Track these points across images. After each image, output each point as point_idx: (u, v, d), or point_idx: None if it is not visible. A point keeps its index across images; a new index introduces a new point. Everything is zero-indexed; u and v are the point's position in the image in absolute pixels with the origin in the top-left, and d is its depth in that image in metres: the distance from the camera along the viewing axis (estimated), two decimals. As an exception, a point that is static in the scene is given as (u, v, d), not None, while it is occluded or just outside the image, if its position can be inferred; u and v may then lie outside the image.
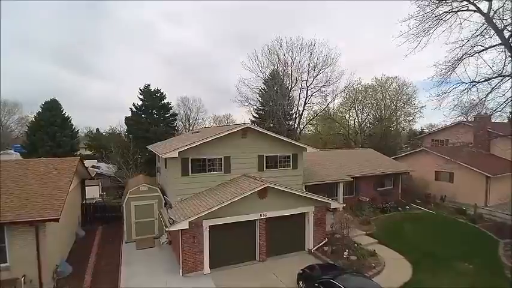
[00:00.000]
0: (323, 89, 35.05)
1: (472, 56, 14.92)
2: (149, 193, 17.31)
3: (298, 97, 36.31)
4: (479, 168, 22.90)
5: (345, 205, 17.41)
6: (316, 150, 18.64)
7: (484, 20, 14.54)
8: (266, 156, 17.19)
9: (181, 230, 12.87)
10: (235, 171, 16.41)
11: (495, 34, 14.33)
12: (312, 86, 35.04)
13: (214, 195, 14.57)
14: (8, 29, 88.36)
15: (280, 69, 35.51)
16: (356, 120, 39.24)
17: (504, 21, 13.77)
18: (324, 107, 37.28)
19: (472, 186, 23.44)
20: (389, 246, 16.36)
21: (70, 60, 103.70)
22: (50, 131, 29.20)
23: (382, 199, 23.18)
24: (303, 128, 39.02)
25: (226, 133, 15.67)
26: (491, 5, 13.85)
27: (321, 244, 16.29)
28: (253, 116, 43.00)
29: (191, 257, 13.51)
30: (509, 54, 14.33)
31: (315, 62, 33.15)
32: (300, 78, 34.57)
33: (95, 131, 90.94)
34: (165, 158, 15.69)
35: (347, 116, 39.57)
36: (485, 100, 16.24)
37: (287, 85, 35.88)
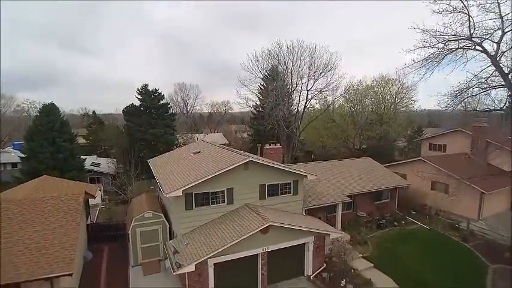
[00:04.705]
0: (323, 92, 34.86)
1: (475, 95, 14.92)
2: (154, 219, 17.73)
3: (298, 99, 36.16)
4: (474, 184, 23.37)
5: (342, 233, 18.04)
6: (316, 177, 18.94)
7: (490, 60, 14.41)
8: (267, 185, 17.50)
9: (188, 271, 13.47)
10: (238, 202, 16.79)
11: (499, 76, 14.27)
12: (312, 89, 34.81)
13: (218, 231, 15.02)
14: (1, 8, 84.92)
15: (280, 69, 35.05)
16: (356, 120, 39.21)
17: (509, 66, 13.68)
18: (324, 108, 37.24)
19: (466, 199, 24.00)
20: (384, 272, 17.15)
21: (66, 39, 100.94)
22: (49, 136, 29.03)
23: (379, 212, 23.89)
24: (303, 130, 39.16)
25: (229, 168, 15.84)
26: (499, 48, 13.68)
27: (319, 270, 17.07)
28: (253, 113, 43.01)
29: (197, 292, 14.24)
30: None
31: (316, 67, 32.73)
32: (300, 81, 34.24)
33: (91, 112, 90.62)
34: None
35: (347, 118, 39.51)
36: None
37: (288, 87, 35.61)
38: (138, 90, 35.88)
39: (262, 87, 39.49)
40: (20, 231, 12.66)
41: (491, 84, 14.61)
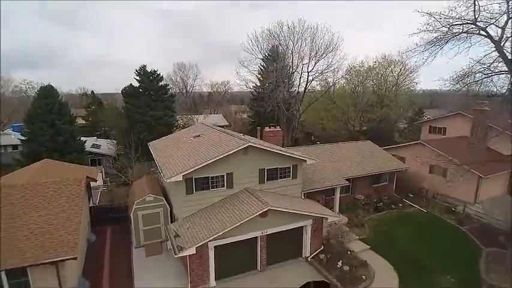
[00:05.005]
0: (324, 73, 34.42)
1: (478, 81, 14.76)
2: (155, 202, 18.03)
3: (298, 81, 35.74)
4: (472, 168, 23.48)
5: (340, 217, 18.37)
6: (316, 161, 19.06)
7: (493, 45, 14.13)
8: (267, 169, 17.61)
9: (189, 253, 13.86)
10: (238, 186, 16.97)
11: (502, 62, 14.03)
12: (313, 71, 34.34)
13: (218, 215, 15.31)
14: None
15: (281, 50, 34.42)
16: (357, 102, 38.84)
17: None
18: (325, 90, 36.90)
19: (463, 183, 24.18)
20: (380, 254, 17.62)
21: (65, 17, 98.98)
22: (48, 118, 28.96)
23: (377, 195, 24.21)
24: (303, 112, 38.94)
25: (229, 153, 15.89)
26: (503, 33, 13.36)
27: (317, 252, 17.53)
28: (252, 95, 42.64)
29: (198, 273, 14.72)
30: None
31: (317, 48, 32.10)
32: (301, 63, 33.72)
33: (89, 92, 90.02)
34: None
35: (348, 99, 39.14)
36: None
37: (288, 68, 35.10)
38: (137, 71, 35.40)
39: (262, 67, 38.96)
40: (24, 216, 12.90)
41: (494, 70, 14.40)
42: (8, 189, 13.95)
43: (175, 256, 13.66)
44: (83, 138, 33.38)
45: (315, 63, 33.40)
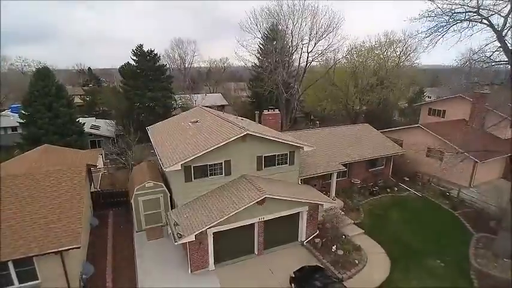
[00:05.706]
0: (325, 53, 33.77)
1: (477, 70, 14.60)
2: (155, 188, 18.39)
3: (298, 61, 35.11)
4: (468, 153, 23.64)
5: (335, 202, 18.77)
6: (313, 148, 19.19)
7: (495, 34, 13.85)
8: (264, 156, 17.80)
9: (188, 240, 14.38)
10: (236, 173, 17.23)
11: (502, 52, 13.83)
12: (313, 51, 33.67)
13: (216, 202, 15.69)
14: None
15: (280, 28, 33.56)
16: (357, 83, 38.31)
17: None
18: (325, 71, 36.30)
19: (459, 167, 24.45)
20: (373, 238, 18.23)
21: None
22: (46, 101, 28.81)
23: (373, 179, 24.59)
24: (302, 93, 38.57)
25: (227, 141, 16.00)
26: (506, 23, 13.06)
27: (312, 236, 18.13)
28: (252, 75, 42.05)
29: (198, 258, 15.37)
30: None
31: (317, 28, 31.24)
32: (300, 43, 32.98)
33: (86, 68, 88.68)
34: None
35: (347, 80, 38.57)
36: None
37: (288, 47, 34.38)
38: (133, 51, 34.70)
39: (261, 46, 38.14)
40: (27, 206, 13.24)
41: (495, 60, 14.21)
42: (10, 179, 14.21)
43: (175, 243, 14.18)
44: (81, 120, 33.36)
45: (315, 44, 32.79)
